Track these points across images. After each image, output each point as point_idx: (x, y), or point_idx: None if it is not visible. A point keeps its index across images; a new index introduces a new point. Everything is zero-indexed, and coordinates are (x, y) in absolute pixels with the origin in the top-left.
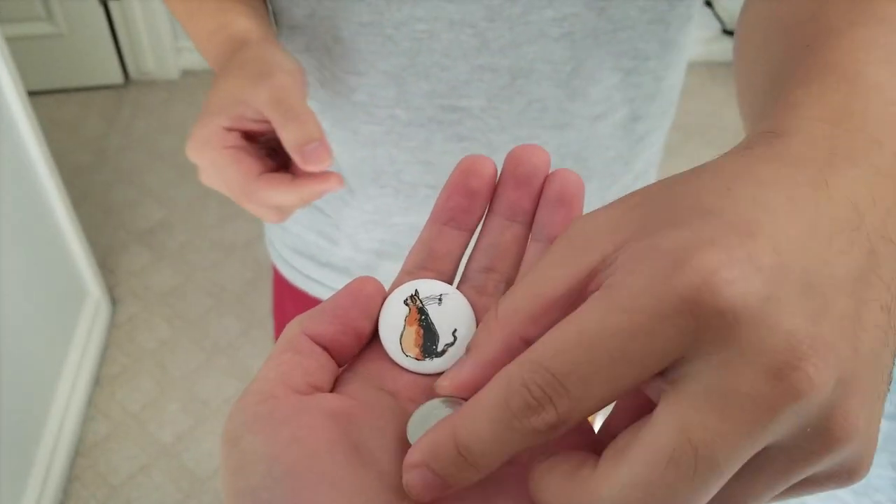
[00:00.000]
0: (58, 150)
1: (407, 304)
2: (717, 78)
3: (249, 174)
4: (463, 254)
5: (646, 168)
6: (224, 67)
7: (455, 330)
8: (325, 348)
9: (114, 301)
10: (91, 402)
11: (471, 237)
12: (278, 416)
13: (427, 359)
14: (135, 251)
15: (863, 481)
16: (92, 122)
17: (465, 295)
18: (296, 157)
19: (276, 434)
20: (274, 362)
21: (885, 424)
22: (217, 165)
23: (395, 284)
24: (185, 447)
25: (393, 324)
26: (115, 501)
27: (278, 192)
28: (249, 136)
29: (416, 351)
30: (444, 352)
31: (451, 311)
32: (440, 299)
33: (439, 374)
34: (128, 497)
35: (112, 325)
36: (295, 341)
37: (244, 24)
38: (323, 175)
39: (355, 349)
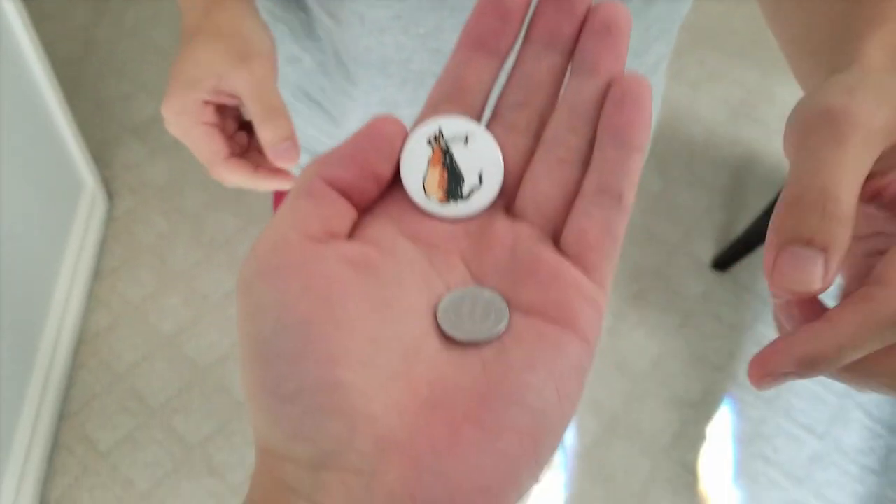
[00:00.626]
0: (45, 41)
1: (430, 144)
2: None
3: (218, 155)
4: (493, 85)
5: (657, 61)
6: (198, 27)
7: (481, 172)
8: (343, 193)
9: (110, 195)
10: (92, 294)
11: (502, 66)
12: (290, 265)
13: (451, 202)
14: (129, 145)
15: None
16: (80, 11)
17: (494, 133)
18: (269, 153)
19: (287, 283)
20: (289, 208)
21: None
22: (190, 136)
23: (419, 121)
24: (186, 338)
25: (415, 165)
26: (119, 388)
27: (239, 179)
28: (221, 108)
29: (439, 194)
30: (469, 195)
31: (478, 152)
32: (466, 139)
33: (463, 219)
34: (132, 384)
35: (109, 219)
36: (311, 186)
37: None
38: (284, 173)
39: (375, 193)
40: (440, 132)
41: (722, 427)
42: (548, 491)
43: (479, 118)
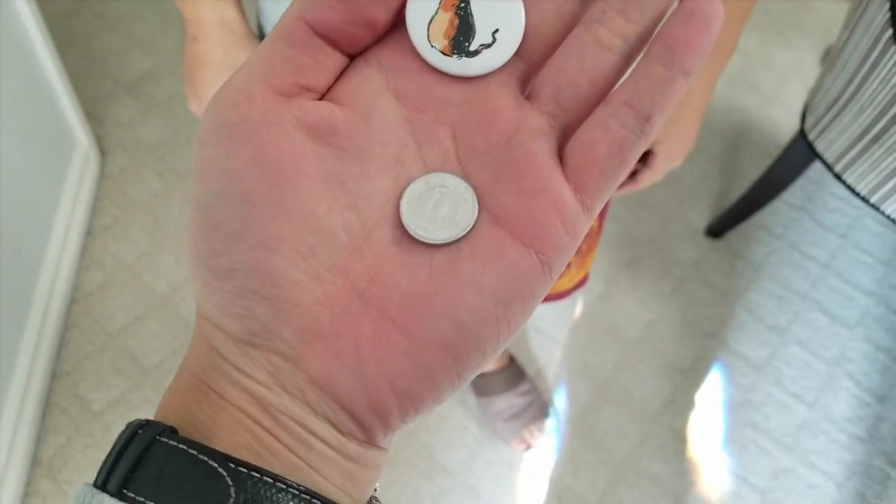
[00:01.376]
0: None
1: None
2: None
3: None
4: None
5: None
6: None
7: (497, 31)
8: (328, 39)
9: (102, 152)
10: (85, 252)
11: None
12: (244, 129)
13: (455, 55)
14: (122, 102)
15: (838, 352)
16: None
17: None
18: None
19: (238, 150)
20: (263, 53)
21: (864, 300)
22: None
23: None
24: (181, 298)
25: (425, 4)
26: (112, 348)
27: None
28: None
29: (443, 43)
30: (476, 52)
31: (498, 7)
32: None
33: (464, 78)
34: (125, 344)
35: (102, 177)
36: (290, 30)
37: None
38: None
39: (368, 40)
40: None
41: (712, 394)
42: (538, 455)
43: None
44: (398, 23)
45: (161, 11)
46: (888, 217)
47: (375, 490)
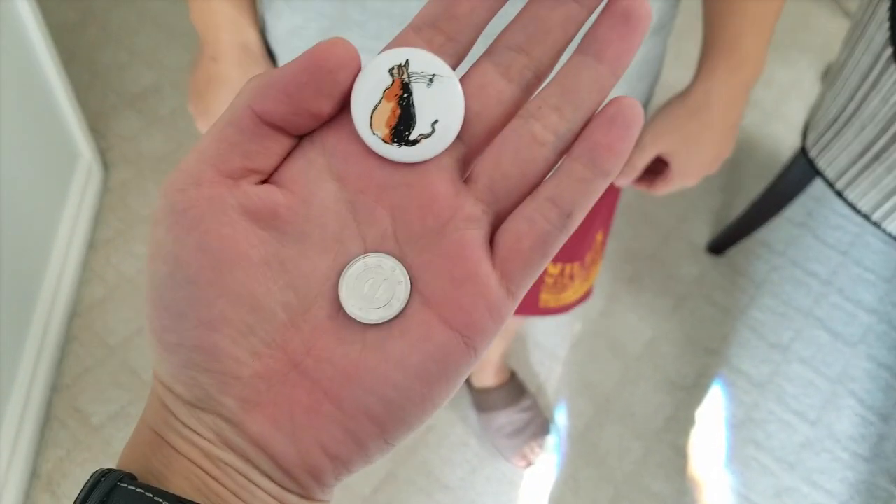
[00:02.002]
0: (43, 7)
1: (392, 75)
2: None
3: None
4: (488, 20)
5: (658, 23)
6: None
7: (436, 121)
8: (275, 126)
9: (105, 165)
10: (86, 265)
11: (504, 2)
12: (191, 216)
13: (395, 143)
14: (125, 115)
15: (840, 370)
16: None
17: (484, 72)
18: None
19: (185, 236)
20: (214, 137)
21: (865, 317)
22: None
23: (395, 42)
24: None
25: (369, 93)
26: (112, 361)
27: None
28: None
29: (385, 131)
30: (416, 142)
31: (439, 98)
32: (431, 80)
33: (404, 165)
34: (125, 357)
35: (105, 190)
36: (240, 117)
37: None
38: None
39: (313, 126)
40: (406, 64)
41: (714, 411)
42: (539, 472)
43: (462, 54)
44: (344, 106)
45: (165, 26)
46: (889, 234)
47: None
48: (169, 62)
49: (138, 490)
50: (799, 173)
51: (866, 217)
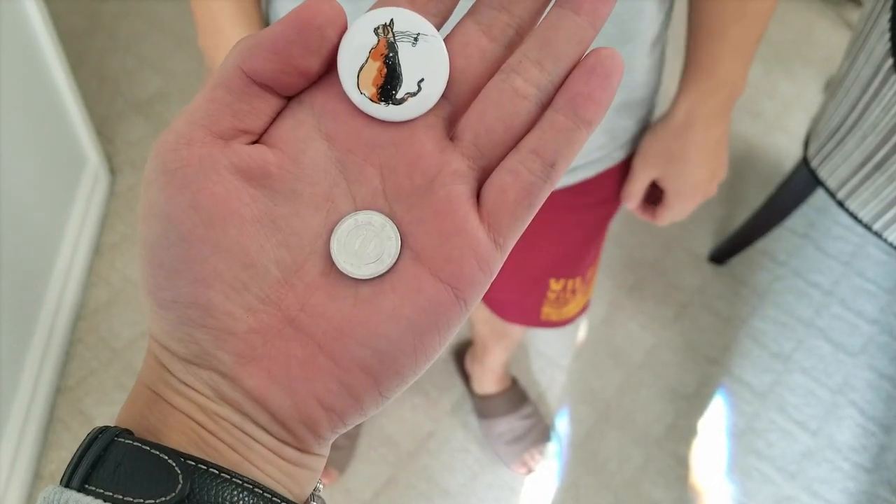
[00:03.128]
0: (52, 13)
1: (377, 34)
2: None
3: None
4: None
5: (653, 29)
6: None
7: (422, 80)
8: (264, 85)
9: (112, 170)
10: (92, 269)
11: None
12: (183, 175)
13: (382, 103)
14: (132, 121)
15: (841, 380)
16: None
17: (466, 33)
18: None
19: (177, 196)
20: (204, 99)
21: (867, 328)
22: None
23: (379, 3)
24: None
25: (355, 53)
26: (117, 364)
27: None
28: None
29: (372, 90)
30: (402, 101)
31: (424, 57)
32: (416, 39)
33: (392, 124)
34: (129, 360)
35: (111, 195)
36: (229, 78)
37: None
38: None
39: (302, 85)
40: (391, 24)
41: (715, 420)
42: (540, 479)
43: (446, 13)
44: (331, 67)
45: (172, 33)
46: (891, 244)
47: (318, 489)
48: (176, 68)
49: (135, 444)
50: (801, 183)
51: (867, 227)
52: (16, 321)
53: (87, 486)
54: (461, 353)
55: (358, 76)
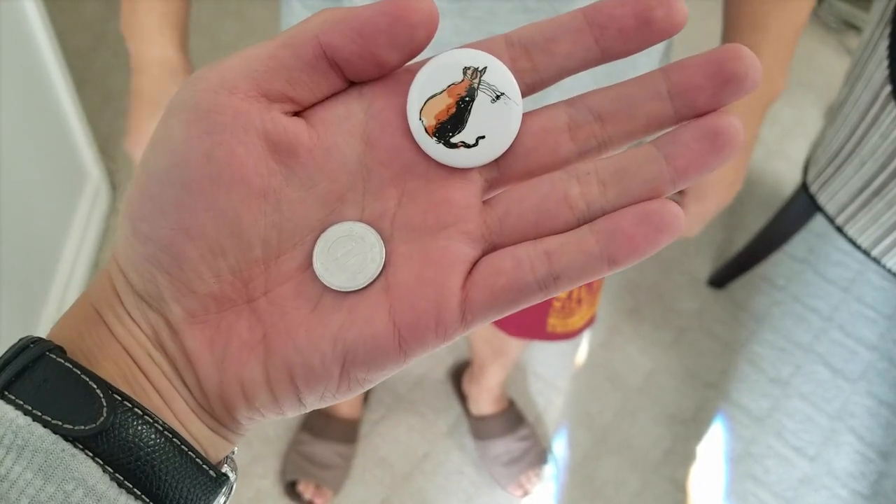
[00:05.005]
0: (58, 31)
1: (465, 74)
2: None
3: None
4: (577, 70)
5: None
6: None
7: (482, 137)
8: (334, 63)
9: (114, 187)
10: None
11: (600, 63)
12: (212, 121)
13: (434, 138)
14: None
15: (840, 406)
16: (93, 4)
17: (553, 118)
18: None
19: (197, 138)
20: (265, 53)
21: (866, 354)
22: None
23: (481, 45)
24: None
25: (435, 80)
26: None
27: None
28: None
29: (432, 122)
30: (454, 146)
31: (497, 118)
32: (498, 97)
33: (433, 162)
34: None
35: (112, 211)
36: (301, 44)
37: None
38: None
39: (372, 76)
40: (483, 70)
41: (713, 445)
42: (536, 502)
43: (536, 88)
44: (406, 76)
45: None
46: (889, 271)
47: (232, 453)
48: None
49: (66, 364)
50: (800, 209)
51: (866, 253)
52: (14, 338)
53: (6, 392)
54: (458, 374)
55: (426, 102)
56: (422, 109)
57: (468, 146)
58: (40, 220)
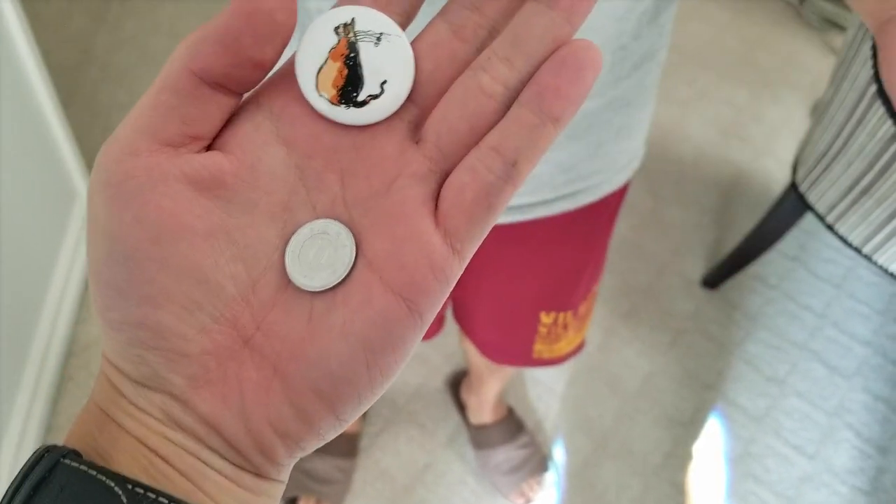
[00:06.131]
0: (43, 48)
1: (337, 34)
2: (719, 2)
3: None
4: None
5: (649, 51)
6: None
7: (385, 82)
8: (216, 83)
9: None
10: (83, 304)
11: None
12: (128, 189)
13: (342, 105)
14: None
15: (837, 403)
16: (79, 19)
17: (436, 32)
18: None
19: (121, 211)
20: (148, 104)
21: (861, 350)
22: None
23: (341, 2)
24: None
25: (314, 53)
26: None
27: None
28: None
29: (332, 92)
30: (364, 103)
31: (388, 57)
32: (379, 39)
33: (353, 127)
34: None
35: None
36: (176, 79)
37: None
38: None
39: (257, 79)
40: (352, 22)
41: (712, 446)
42: None
43: (411, 12)
44: (290, 67)
45: None
46: (881, 267)
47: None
48: None
49: (82, 468)
50: (790, 208)
51: (857, 250)
52: (6, 358)
53: None
54: (456, 384)
55: (317, 77)
56: (317, 86)
57: (376, 96)
58: (30, 240)
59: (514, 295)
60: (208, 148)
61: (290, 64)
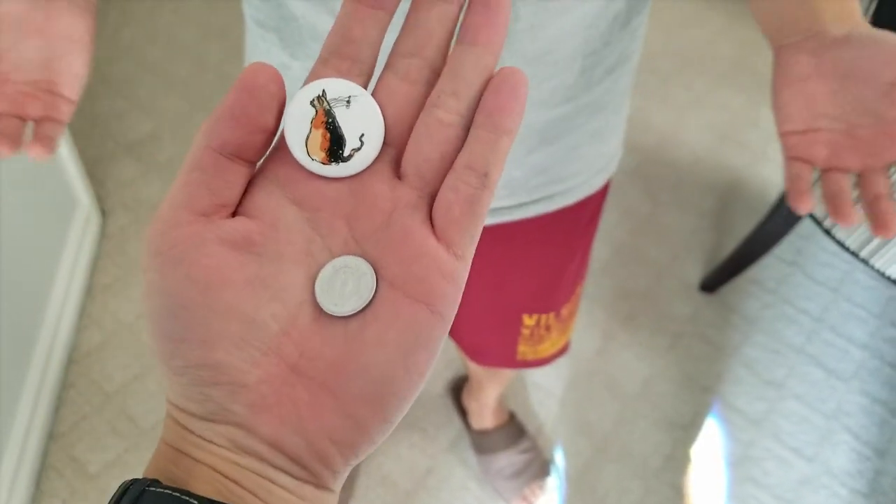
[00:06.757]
0: None
1: (313, 105)
2: (716, 7)
3: None
4: (381, 37)
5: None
6: None
7: (362, 135)
8: (233, 154)
9: (104, 212)
10: (84, 312)
11: (390, 17)
12: (176, 254)
13: (332, 163)
14: (123, 163)
15: (835, 405)
16: None
17: (389, 84)
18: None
19: (172, 271)
20: (181, 183)
21: (858, 353)
22: None
23: (310, 77)
24: None
25: (299, 126)
26: (109, 408)
27: None
28: None
29: (321, 154)
30: (349, 157)
31: (360, 115)
32: (348, 101)
33: (347, 178)
34: (122, 404)
35: (103, 236)
36: (200, 158)
37: None
38: None
39: (266, 145)
40: (323, 93)
41: (712, 449)
42: None
43: (369, 71)
44: (282, 141)
45: (163, 75)
46: (878, 271)
47: None
48: (167, 110)
49: (166, 492)
50: (787, 212)
51: (854, 254)
52: (8, 366)
53: None
54: (457, 389)
55: (306, 145)
56: (308, 152)
57: (358, 149)
58: (31, 248)
59: (497, 298)
60: (233, 215)
61: (282, 139)
